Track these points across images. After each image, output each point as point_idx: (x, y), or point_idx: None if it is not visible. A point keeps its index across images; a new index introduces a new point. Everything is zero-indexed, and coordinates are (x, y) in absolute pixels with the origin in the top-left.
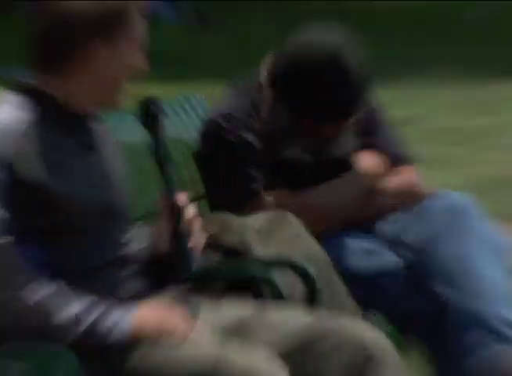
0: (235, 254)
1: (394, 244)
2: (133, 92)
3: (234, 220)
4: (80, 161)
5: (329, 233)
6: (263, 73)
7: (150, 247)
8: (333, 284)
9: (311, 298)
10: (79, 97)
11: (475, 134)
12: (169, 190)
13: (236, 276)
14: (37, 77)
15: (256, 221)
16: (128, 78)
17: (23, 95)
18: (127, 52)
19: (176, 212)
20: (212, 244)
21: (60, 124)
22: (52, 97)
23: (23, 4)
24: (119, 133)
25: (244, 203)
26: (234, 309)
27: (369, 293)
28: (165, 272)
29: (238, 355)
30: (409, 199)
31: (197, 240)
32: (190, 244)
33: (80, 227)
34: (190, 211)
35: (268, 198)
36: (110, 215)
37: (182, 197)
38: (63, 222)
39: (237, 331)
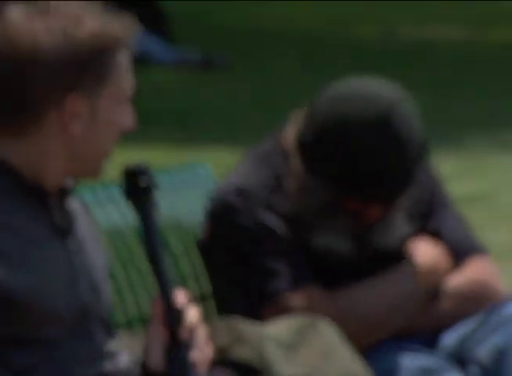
0: (250, 372)
1: (459, 359)
2: (119, 159)
3: (250, 328)
4: (46, 251)
5: (375, 346)
6: (290, 136)
7: (140, 363)
8: None
9: None
10: (50, 167)
11: None
12: (164, 288)
13: None
14: None
15: (278, 329)
16: (114, 142)
17: None
18: (113, 109)
19: (174, 316)
20: (221, 360)
21: (20, 201)
22: (10, 167)
23: None
24: (101, 212)
25: (263, 306)
26: None
27: None
28: None
29: None
30: (479, 302)
31: (201, 352)
32: (192, 358)
33: (47, 336)
34: (192, 314)
35: (295, 299)
36: (87, 320)
37: (181, 297)
38: (25, 330)
39: None
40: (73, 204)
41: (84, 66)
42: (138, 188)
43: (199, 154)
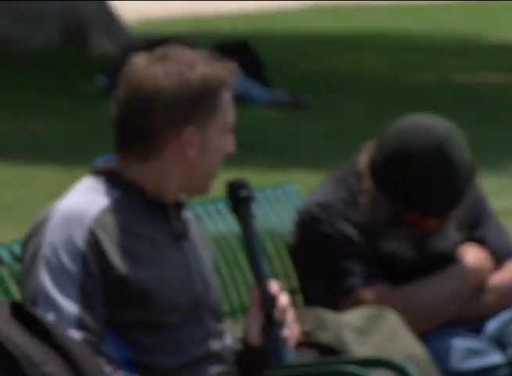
0: (330, 352)
1: (501, 343)
2: (224, 179)
3: (330, 316)
4: (168, 254)
5: (430, 332)
6: (363, 161)
7: (241, 341)
8: None
9: None
10: (169, 185)
11: None
12: (260, 278)
13: None
14: (120, 162)
15: (353, 318)
16: (220, 164)
17: (105, 180)
18: (219, 138)
19: (269, 300)
20: (306, 342)
21: (147, 213)
22: (135, 182)
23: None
24: (210, 223)
25: (341, 299)
26: None
27: None
28: (256, 365)
29: None
30: None
31: (291, 331)
32: (284, 335)
33: (169, 321)
34: (283, 300)
35: (367, 294)
36: (199, 309)
37: (274, 285)
38: (153, 316)
39: None
40: (188, 215)
41: (197, 102)
42: (239, 198)
43: (289, 176)
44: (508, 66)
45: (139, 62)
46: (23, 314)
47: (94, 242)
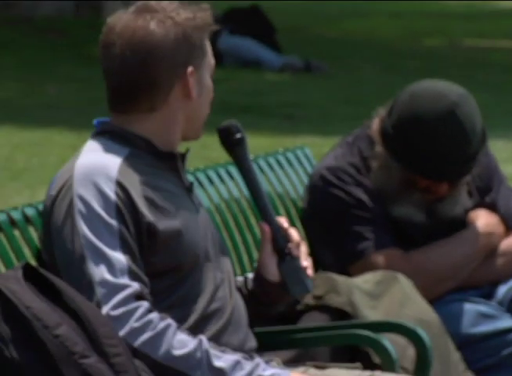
0: (342, 316)
1: (511, 307)
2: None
3: (342, 281)
4: (184, 204)
5: (442, 296)
6: (375, 126)
7: (255, 280)
8: (446, 352)
9: (423, 363)
10: (176, 134)
11: None
12: (268, 214)
13: (346, 340)
14: (123, 118)
15: (365, 282)
16: (209, 105)
17: (111, 138)
18: (208, 79)
19: (280, 235)
20: (318, 305)
21: (153, 164)
22: (142, 136)
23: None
24: (221, 186)
25: (352, 263)
26: (341, 375)
27: (483, 358)
28: (275, 300)
29: None
30: None
31: (307, 262)
32: (302, 266)
33: (190, 272)
34: (294, 233)
35: (379, 258)
36: (214, 255)
37: (282, 220)
38: (173, 265)
39: None
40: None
41: (192, 44)
42: (233, 141)
43: (300, 140)
44: None
45: (124, 17)
46: (36, 276)
47: (124, 193)
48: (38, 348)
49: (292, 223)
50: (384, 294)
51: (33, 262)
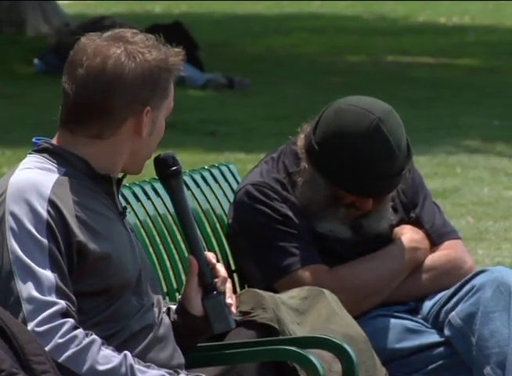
0: (269, 332)
1: (436, 323)
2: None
3: (268, 296)
4: (116, 228)
5: (368, 312)
6: (300, 142)
7: (178, 312)
8: (373, 368)
9: None
10: (115, 161)
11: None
12: (197, 248)
13: (273, 356)
14: (67, 139)
15: (291, 298)
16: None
17: (49, 156)
18: (162, 121)
19: (207, 270)
20: (245, 322)
21: (89, 187)
22: (82, 158)
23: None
24: (147, 203)
25: (279, 279)
26: None
27: (410, 372)
28: (196, 334)
29: None
30: (454, 276)
31: (232, 299)
32: (226, 302)
33: (117, 294)
34: (221, 269)
35: (305, 274)
36: (141, 282)
37: (210, 256)
38: (100, 287)
39: None
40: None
41: (156, 85)
42: (168, 172)
43: (225, 157)
44: (437, 47)
45: (97, 41)
46: None
47: (55, 212)
48: None
49: (218, 239)
50: (310, 309)
51: None
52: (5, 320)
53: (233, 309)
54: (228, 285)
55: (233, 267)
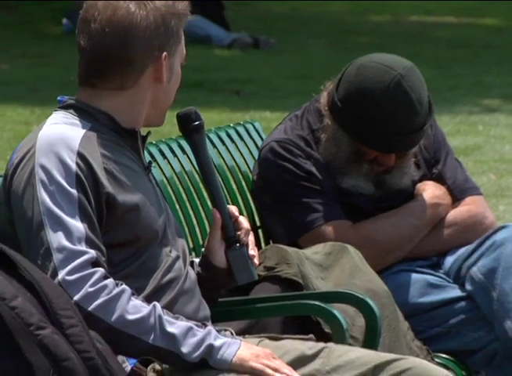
0: (293, 287)
1: (458, 278)
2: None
3: (293, 252)
4: (142, 181)
5: (390, 267)
6: (323, 100)
7: (202, 264)
8: (395, 321)
9: (373, 332)
10: (141, 114)
11: None
12: (220, 201)
13: (297, 311)
14: (90, 94)
15: (315, 253)
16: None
17: (75, 112)
18: (178, 67)
19: (230, 222)
20: (270, 277)
21: (115, 141)
22: (107, 113)
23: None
24: (174, 161)
25: (303, 234)
26: (295, 347)
27: (431, 327)
28: (220, 286)
29: None
30: (475, 231)
31: (254, 250)
32: (249, 254)
33: (145, 245)
34: (244, 222)
35: (328, 229)
36: (167, 233)
37: (233, 209)
38: (129, 238)
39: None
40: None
41: (170, 30)
42: (191, 128)
43: (251, 115)
44: (460, 7)
45: None
46: None
47: (84, 164)
48: None
49: (243, 196)
50: (334, 264)
51: None
52: (35, 276)
53: (256, 261)
54: (251, 237)
55: (258, 223)
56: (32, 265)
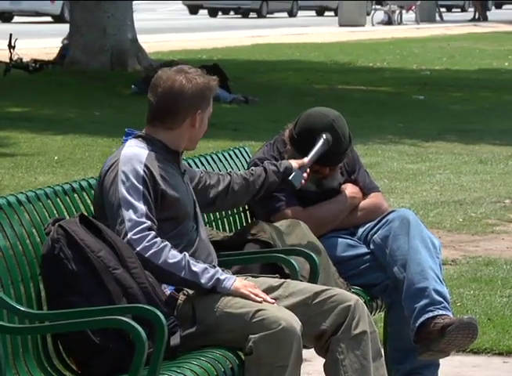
0: (268, 246)
1: (365, 240)
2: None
3: (267, 225)
4: (181, 183)
5: (326, 234)
6: (286, 134)
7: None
8: (328, 267)
9: (314, 273)
10: (180, 143)
11: (413, 174)
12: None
13: (269, 260)
14: (151, 130)
15: (280, 226)
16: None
17: (142, 140)
18: (206, 121)
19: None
20: (253, 240)
21: (165, 158)
22: (161, 141)
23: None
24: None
25: (273, 215)
26: (267, 281)
27: (349, 270)
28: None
29: (272, 307)
30: (376, 213)
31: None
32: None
33: (182, 222)
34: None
35: (288, 212)
36: (196, 216)
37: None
38: (172, 216)
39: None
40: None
41: (204, 98)
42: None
43: (242, 143)
44: (369, 80)
45: (168, 72)
46: (87, 221)
47: (148, 171)
48: (88, 264)
49: None
50: (292, 233)
51: (85, 213)
52: (112, 237)
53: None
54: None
55: (246, 207)
56: (111, 231)
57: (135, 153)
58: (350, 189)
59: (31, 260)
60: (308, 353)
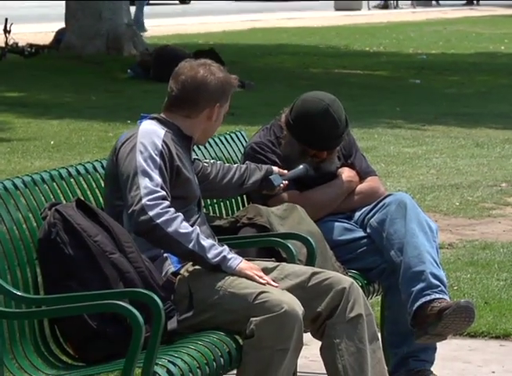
0: (264, 230)
1: (363, 225)
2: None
3: (264, 208)
4: (190, 168)
5: (321, 218)
6: (282, 119)
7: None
8: (325, 251)
9: (311, 257)
10: (195, 133)
11: (410, 158)
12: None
13: (265, 243)
14: (168, 115)
15: (277, 209)
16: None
17: (158, 121)
18: (222, 115)
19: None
20: (250, 224)
21: (179, 143)
22: (177, 126)
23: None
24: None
25: (270, 198)
26: (263, 263)
27: (345, 254)
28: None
29: (276, 291)
30: (373, 197)
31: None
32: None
33: (189, 203)
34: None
35: (285, 196)
36: (199, 199)
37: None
38: (182, 195)
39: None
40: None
41: (224, 93)
42: None
43: (239, 127)
44: (365, 64)
45: (192, 63)
46: (83, 206)
47: (166, 146)
48: (85, 248)
49: None
50: (288, 216)
51: (82, 197)
52: (109, 221)
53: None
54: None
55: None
56: (107, 215)
57: (153, 129)
58: (347, 173)
59: (28, 245)
60: (306, 337)
